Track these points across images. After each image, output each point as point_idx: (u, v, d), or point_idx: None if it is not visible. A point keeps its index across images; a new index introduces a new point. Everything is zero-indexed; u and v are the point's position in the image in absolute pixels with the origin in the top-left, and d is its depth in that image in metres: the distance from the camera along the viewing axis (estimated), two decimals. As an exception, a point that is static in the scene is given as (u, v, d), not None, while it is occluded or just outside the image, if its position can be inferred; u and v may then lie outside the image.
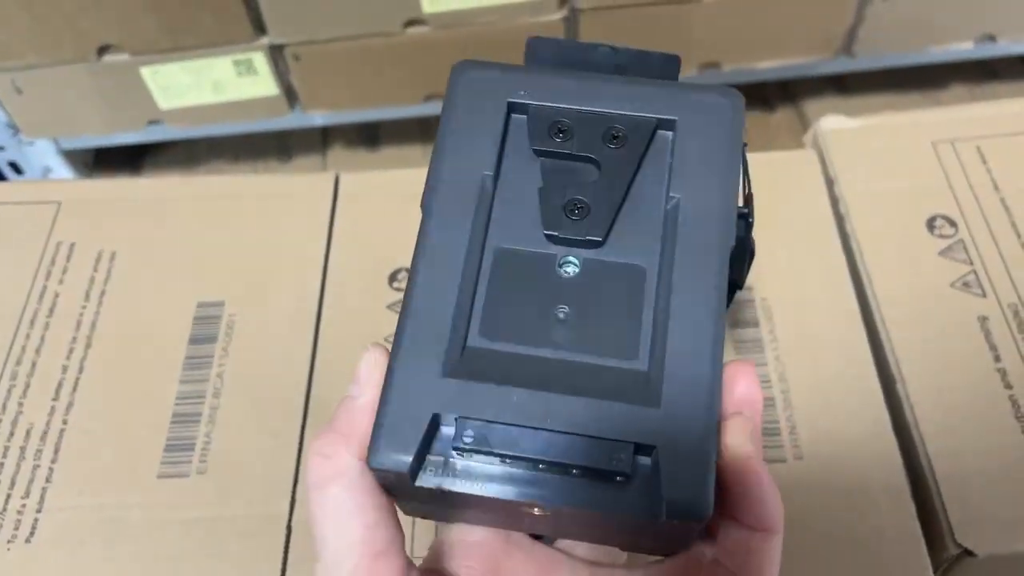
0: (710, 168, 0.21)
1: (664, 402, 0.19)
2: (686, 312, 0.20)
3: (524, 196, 0.21)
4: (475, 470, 0.19)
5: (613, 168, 0.21)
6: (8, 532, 0.32)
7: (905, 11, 0.66)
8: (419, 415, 0.19)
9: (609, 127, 0.21)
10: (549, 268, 0.21)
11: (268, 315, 0.38)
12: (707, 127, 0.21)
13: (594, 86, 0.22)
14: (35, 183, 0.64)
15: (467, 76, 0.22)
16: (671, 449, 0.18)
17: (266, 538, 0.32)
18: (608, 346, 0.20)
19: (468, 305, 0.20)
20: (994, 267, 0.38)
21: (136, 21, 0.59)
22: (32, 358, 0.37)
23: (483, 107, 0.22)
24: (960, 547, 0.31)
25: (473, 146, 0.21)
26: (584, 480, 0.19)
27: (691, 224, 0.21)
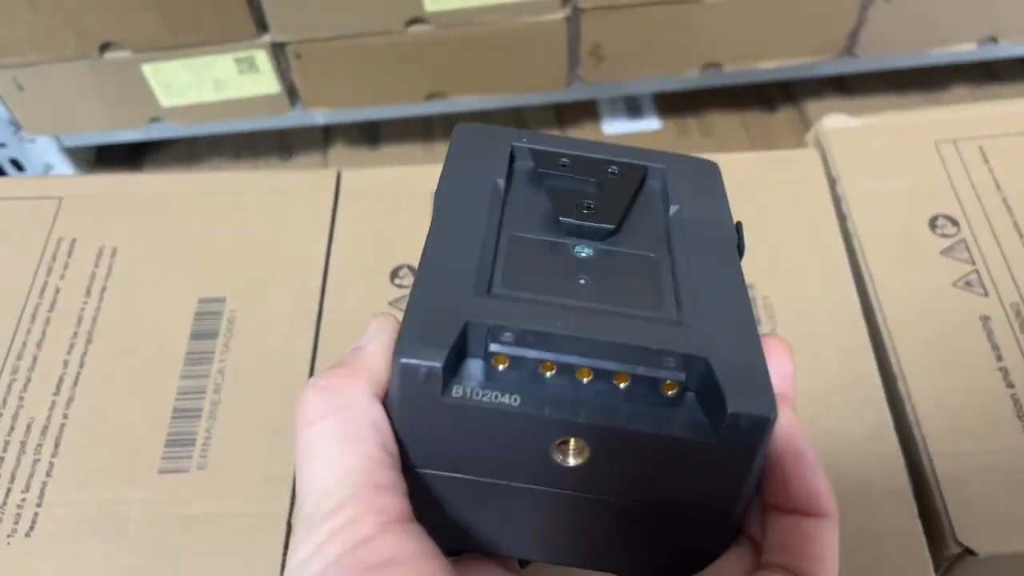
0: (705, 195, 0.22)
1: (705, 331, 0.18)
2: (710, 283, 0.19)
3: (535, 206, 0.21)
4: (509, 384, 0.17)
5: (615, 185, 0.22)
6: (8, 526, 0.32)
7: (907, 12, 0.66)
8: (452, 320, 0.17)
9: (606, 167, 0.22)
10: (565, 251, 0.20)
11: (269, 311, 0.38)
12: (694, 174, 0.23)
13: (590, 145, 0.23)
14: (36, 179, 0.64)
15: (469, 130, 0.23)
16: (723, 360, 0.17)
17: (266, 534, 0.32)
18: (637, 301, 0.19)
19: (489, 268, 0.19)
20: (996, 267, 0.38)
21: (138, 18, 0.59)
22: (33, 353, 0.37)
23: (488, 147, 0.22)
24: (961, 546, 0.31)
25: (482, 168, 0.21)
26: (633, 398, 0.17)
27: (697, 226, 0.21)
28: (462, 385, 0.17)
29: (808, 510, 0.17)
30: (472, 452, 0.18)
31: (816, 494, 0.17)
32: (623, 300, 0.19)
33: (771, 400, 0.17)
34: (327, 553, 0.15)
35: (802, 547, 0.17)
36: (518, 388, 0.17)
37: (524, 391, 0.17)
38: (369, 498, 0.16)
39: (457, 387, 0.17)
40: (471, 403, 0.17)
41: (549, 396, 0.17)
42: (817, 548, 0.17)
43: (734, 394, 0.16)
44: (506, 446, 0.17)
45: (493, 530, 0.19)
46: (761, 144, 0.77)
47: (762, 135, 0.78)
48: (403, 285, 0.39)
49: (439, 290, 0.18)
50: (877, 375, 0.35)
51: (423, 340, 0.17)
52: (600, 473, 0.18)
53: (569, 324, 0.17)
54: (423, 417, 0.17)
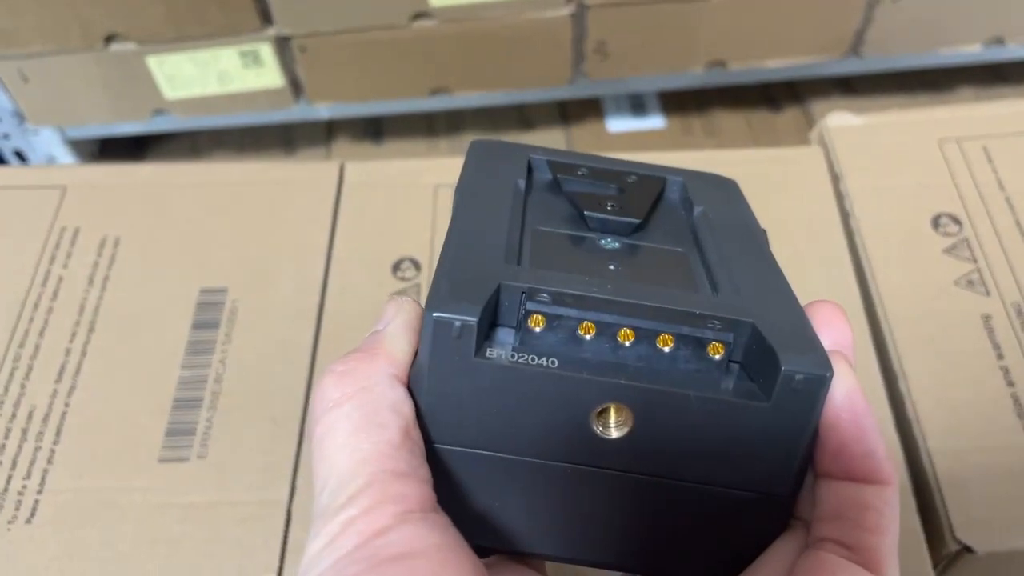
0: (727, 202, 0.21)
1: (746, 301, 0.17)
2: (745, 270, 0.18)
3: (556, 206, 0.20)
4: (547, 345, 0.16)
5: (636, 188, 0.21)
6: (9, 513, 0.32)
7: (914, 13, 0.66)
8: (486, 281, 0.16)
9: (625, 176, 0.21)
10: (592, 242, 0.19)
11: (271, 302, 0.38)
12: (715, 186, 0.22)
13: (606, 160, 0.22)
14: (40, 168, 0.64)
15: (485, 144, 0.22)
16: (770, 323, 0.16)
17: (265, 523, 0.32)
18: (667, 279, 0.18)
19: (517, 247, 0.18)
20: (998, 266, 0.38)
21: (143, 10, 0.59)
22: (35, 341, 0.37)
23: (505, 159, 0.21)
24: (960, 544, 0.31)
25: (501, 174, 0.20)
26: (678, 361, 0.16)
27: (723, 224, 0.20)
28: (497, 347, 0.16)
29: (867, 477, 0.16)
30: (505, 424, 0.16)
31: (876, 458, 0.16)
32: (656, 279, 0.18)
33: (824, 358, 0.16)
34: (341, 546, 0.14)
35: (860, 518, 0.16)
36: (556, 351, 0.16)
37: (562, 353, 0.16)
38: (386, 486, 0.15)
39: (491, 349, 0.16)
40: (506, 365, 0.15)
41: (589, 359, 0.16)
42: (875, 519, 0.15)
43: (786, 353, 0.15)
44: (542, 416, 0.16)
45: (522, 522, 0.17)
46: (765, 144, 0.77)
47: (767, 135, 0.78)
48: (405, 278, 0.39)
49: (470, 257, 0.17)
50: (878, 372, 0.35)
51: (456, 296, 0.15)
52: (644, 447, 0.16)
53: (607, 289, 0.16)
54: (453, 382, 0.16)
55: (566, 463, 0.16)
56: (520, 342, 0.16)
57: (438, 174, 0.42)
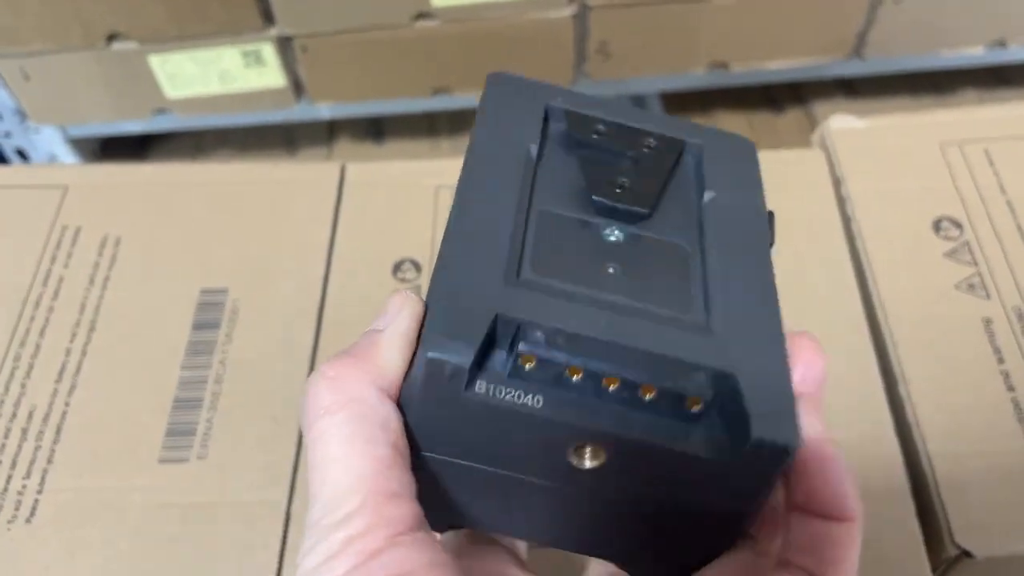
0: (740, 180, 0.21)
1: (734, 341, 0.17)
2: (738, 282, 0.19)
3: (567, 176, 0.20)
4: (532, 385, 0.16)
5: (650, 163, 0.21)
6: (9, 512, 0.33)
7: (916, 15, 0.66)
8: (481, 312, 0.16)
9: (643, 138, 0.21)
10: (595, 233, 0.19)
11: (271, 303, 0.38)
12: (732, 153, 0.22)
13: (626, 110, 0.22)
14: (41, 167, 0.64)
15: (504, 80, 0.22)
16: (750, 375, 0.16)
17: (265, 524, 0.32)
18: (664, 299, 0.18)
19: (519, 247, 0.18)
20: (999, 270, 0.38)
21: (145, 9, 0.59)
22: (36, 340, 0.37)
23: (521, 104, 0.21)
24: (959, 548, 0.31)
25: (514, 129, 0.20)
26: (655, 411, 0.17)
27: (730, 215, 0.20)
28: (486, 380, 0.16)
29: (833, 514, 0.17)
30: (488, 445, 0.17)
31: (841, 499, 0.17)
32: (651, 296, 0.18)
33: (795, 427, 0.16)
34: (336, 566, 0.15)
35: (824, 551, 0.17)
36: (542, 389, 0.16)
37: (548, 393, 0.16)
38: (379, 508, 0.16)
39: (481, 382, 0.16)
40: (494, 401, 0.16)
41: (573, 400, 0.17)
42: (840, 553, 0.17)
43: (759, 419, 0.16)
44: (524, 444, 0.17)
45: (497, 515, 0.19)
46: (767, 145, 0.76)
47: (769, 136, 0.78)
48: (405, 279, 0.39)
49: (466, 273, 0.17)
50: (878, 376, 0.35)
51: (451, 333, 0.16)
52: (614, 478, 0.17)
53: (600, 327, 0.17)
54: (443, 410, 0.17)
55: (541, 480, 0.18)
56: (510, 375, 0.17)
57: (439, 175, 0.42)
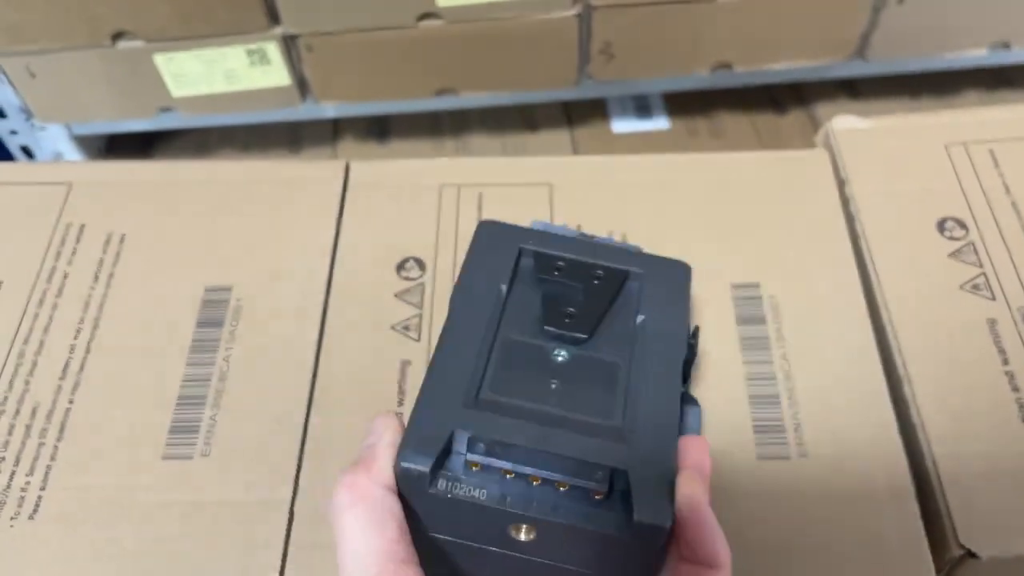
0: (670, 304, 0.28)
1: (634, 443, 0.24)
2: (651, 396, 0.25)
3: (528, 307, 0.27)
4: (478, 482, 0.23)
5: (596, 294, 0.28)
6: (12, 509, 0.33)
7: (919, 16, 0.66)
8: (440, 432, 0.23)
9: (593, 271, 0.28)
10: (545, 354, 0.26)
11: (275, 301, 0.38)
12: (667, 279, 0.29)
13: (582, 248, 0.29)
14: (46, 164, 0.64)
15: (489, 228, 0.29)
16: (638, 473, 0.23)
17: (268, 522, 0.32)
18: (590, 408, 0.25)
19: (481, 371, 0.25)
20: (1004, 270, 0.37)
21: (150, 8, 0.59)
22: (40, 337, 0.37)
23: (501, 247, 0.29)
24: (963, 549, 0.31)
25: (492, 266, 0.28)
26: (569, 499, 0.23)
27: (654, 338, 0.27)
28: (444, 479, 0.23)
29: (708, 563, 0.23)
30: (453, 524, 0.24)
31: (714, 553, 0.22)
32: (582, 407, 0.25)
33: (669, 511, 0.23)
34: None
35: None
36: (485, 485, 0.23)
37: (490, 487, 0.23)
38: (395, 573, 0.22)
39: (441, 481, 0.23)
40: (451, 494, 0.23)
41: (508, 492, 0.23)
42: None
43: (641, 505, 0.22)
44: (476, 523, 0.24)
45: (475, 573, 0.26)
46: (770, 146, 0.77)
47: (772, 137, 0.78)
48: (409, 277, 0.39)
49: (436, 400, 0.24)
50: (882, 376, 0.35)
51: (416, 448, 0.23)
52: (544, 547, 0.24)
53: (529, 437, 0.23)
54: (417, 502, 0.24)
55: (495, 548, 0.24)
56: (462, 473, 0.23)
57: (443, 174, 0.42)
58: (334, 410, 0.35)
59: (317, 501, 0.33)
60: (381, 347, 0.36)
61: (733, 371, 0.36)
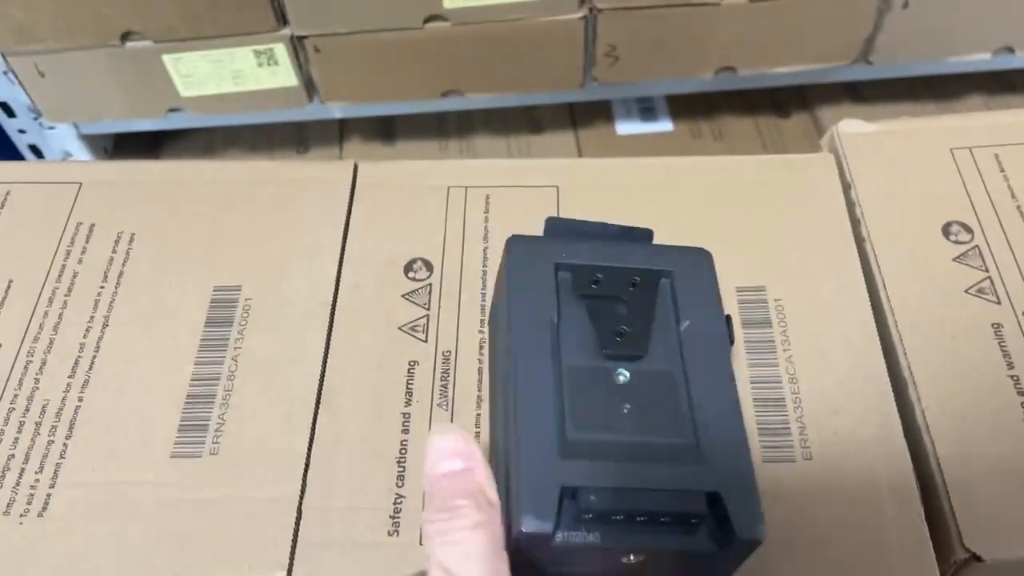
0: (703, 300, 0.29)
1: (714, 459, 0.26)
2: (711, 398, 0.27)
3: (580, 327, 0.28)
4: (591, 527, 0.25)
5: (639, 304, 0.29)
6: (21, 506, 0.33)
7: (924, 20, 0.66)
8: (549, 487, 0.25)
9: (629, 277, 0.29)
10: (610, 378, 0.28)
11: (284, 300, 0.38)
12: (694, 272, 0.30)
13: (610, 251, 0.30)
14: (56, 164, 0.64)
15: (520, 246, 0.30)
16: (729, 491, 0.25)
17: (276, 520, 0.32)
18: (665, 429, 0.27)
19: (560, 408, 0.27)
20: (1009, 274, 0.38)
21: (159, 8, 0.59)
22: (50, 336, 0.37)
23: (537, 266, 0.29)
24: (968, 552, 0.31)
25: (538, 296, 0.29)
26: (669, 528, 0.25)
27: (698, 340, 0.28)
28: (562, 531, 0.25)
29: None
30: (568, 564, 0.26)
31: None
32: (657, 429, 0.27)
33: (762, 526, 0.25)
34: None
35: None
36: (597, 528, 0.25)
37: (601, 530, 0.25)
38: None
39: (559, 534, 0.25)
40: (568, 542, 0.25)
41: (618, 531, 0.25)
42: None
43: (740, 524, 0.25)
44: (591, 558, 0.26)
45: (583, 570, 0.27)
46: (773, 149, 0.77)
47: (775, 140, 0.78)
48: (417, 278, 0.39)
49: (535, 452, 0.25)
50: (887, 379, 0.35)
51: (536, 513, 0.24)
52: (650, 566, 0.26)
53: (627, 479, 0.25)
54: (535, 555, 0.25)
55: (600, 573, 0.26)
56: (574, 522, 0.25)
57: (451, 175, 0.42)
58: (342, 409, 0.35)
59: (325, 499, 0.33)
60: (389, 347, 0.37)
61: (738, 374, 0.36)
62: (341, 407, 0.35)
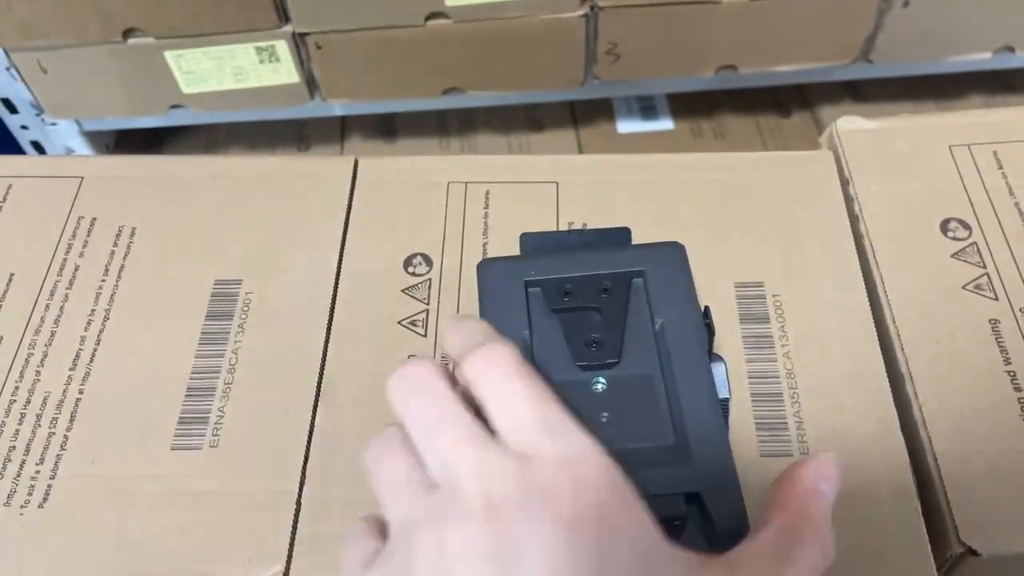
0: (676, 296, 0.29)
1: (695, 458, 0.25)
2: (690, 396, 0.26)
3: (553, 343, 0.28)
4: None
5: (611, 309, 0.28)
6: (22, 497, 0.33)
7: (924, 20, 0.66)
8: None
9: (599, 284, 0.29)
10: (586, 389, 0.27)
11: (284, 295, 0.38)
12: (666, 268, 0.29)
13: (580, 260, 0.29)
14: (58, 158, 0.65)
15: (490, 269, 0.30)
16: (710, 491, 0.24)
17: (275, 513, 0.33)
18: (645, 434, 0.26)
19: None
20: (1007, 271, 0.38)
21: (161, 5, 0.60)
22: (51, 328, 0.37)
23: (507, 287, 0.29)
24: (964, 546, 0.31)
25: (509, 316, 0.28)
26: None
27: (674, 337, 0.28)
28: None
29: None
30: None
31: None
32: (637, 435, 0.26)
33: (743, 519, 0.24)
34: None
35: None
36: None
37: None
38: None
39: None
40: None
41: None
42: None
43: (721, 518, 0.24)
44: None
45: None
46: (774, 148, 0.77)
47: (775, 139, 0.78)
48: (416, 273, 0.39)
49: None
50: (884, 374, 0.36)
51: None
52: None
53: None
54: None
55: None
56: None
57: (451, 171, 0.43)
58: (341, 403, 0.35)
59: (324, 492, 0.33)
60: (388, 342, 0.37)
61: (736, 369, 0.36)
62: (340, 401, 0.35)
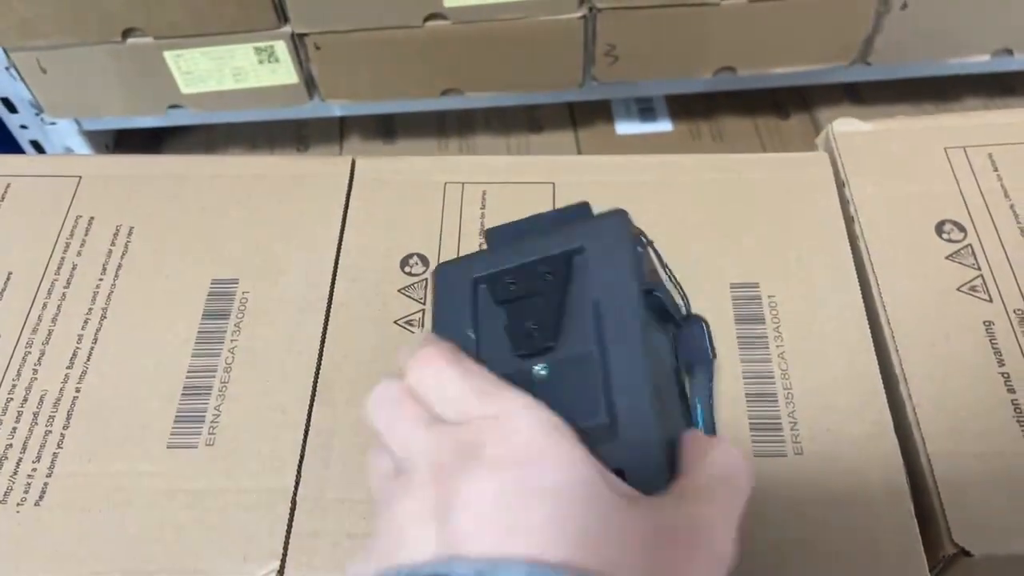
0: (612, 268, 0.28)
1: (619, 437, 0.25)
2: (621, 370, 0.26)
3: (498, 337, 0.28)
4: None
5: (548, 294, 0.29)
6: (18, 495, 0.33)
7: (923, 22, 0.66)
8: None
9: (540, 269, 0.29)
10: (528, 377, 0.27)
11: (281, 294, 0.39)
12: (604, 241, 0.29)
13: (523, 247, 0.30)
14: (57, 158, 0.65)
15: (443, 273, 0.31)
16: (633, 468, 0.25)
17: (271, 511, 0.33)
18: (580, 414, 0.25)
19: None
20: (1001, 273, 0.38)
21: (161, 5, 0.60)
22: (48, 327, 0.38)
23: (457, 288, 0.30)
24: (957, 547, 0.31)
25: (457, 318, 0.29)
26: None
27: (609, 310, 0.27)
28: None
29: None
30: None
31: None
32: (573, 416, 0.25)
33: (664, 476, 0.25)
34: None
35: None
36: None
37: None
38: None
39: None
40: None
41: None
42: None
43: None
44: None
45: None
46: (773, 149, 0.77)
47: (774, 140, 0.78)
48: (413, 273, 0.39)
49: None
50: (879, 376, 0.36)
51: None
52: None
53: None
54: None
55: None
56: None
57: (448, 172, 0.43)
58: (337, 402, 0.35)
59: (319, 491, 0.33)
60: (384, 341, 0.37)
61: (730, 369, 0.36)
62: (336, 400, 0.35)
